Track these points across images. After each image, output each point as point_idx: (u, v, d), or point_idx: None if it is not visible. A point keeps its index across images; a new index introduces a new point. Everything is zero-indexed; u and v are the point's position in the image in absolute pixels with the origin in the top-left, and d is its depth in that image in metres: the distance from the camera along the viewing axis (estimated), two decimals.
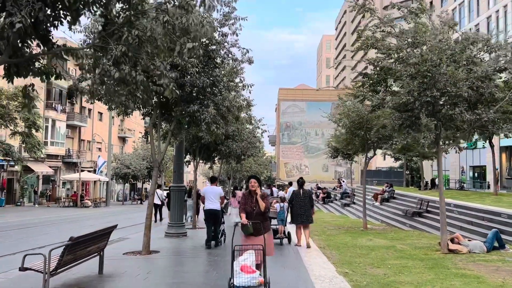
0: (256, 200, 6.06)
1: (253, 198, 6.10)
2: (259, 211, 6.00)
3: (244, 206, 6.10)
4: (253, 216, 5.97)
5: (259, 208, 5.99)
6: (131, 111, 10.97)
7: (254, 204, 6.05)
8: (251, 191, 6.15)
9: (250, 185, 6.13)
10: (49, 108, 37.14)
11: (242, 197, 6.26)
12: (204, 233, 13.39)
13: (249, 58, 11.10)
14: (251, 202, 6.08)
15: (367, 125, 15.39)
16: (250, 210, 6.03)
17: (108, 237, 7.16)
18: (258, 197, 6.03)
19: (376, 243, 11.32)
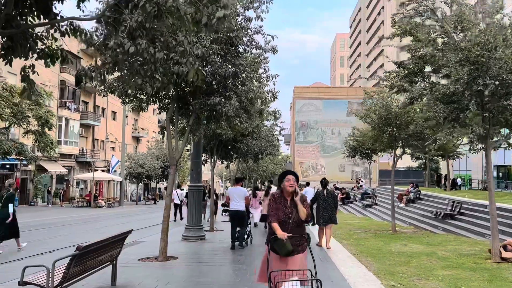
0: (293, 205, 4.48)
1: (287, 201, 4.51)
2: (297, 220, 4.42)
3: (275, 213, 4.45)
4: (289, 227, 4.39)
5: (298, 216, 4.42)
6: (146, 105, 10.19)
7: (291, 210, 4.44)
8: (286, 192, 4.54)
9: (288, 184, 4.48)
10: (62, 107, 36.74)
11: (272, 200, 4.61)
12: (223, 236, 12.58)
13: (273, 47, 10.19)
14: (285, 207, 4.47)
15: (396, 121, 14.39)
16: (284, 219, 4.42)
17: (122, 244, 6.33)
18: (298, 201, 4.42)
19: (413, 249, 10.31)
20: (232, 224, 10.29)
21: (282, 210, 4.47)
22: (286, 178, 4.57)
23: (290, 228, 4.36)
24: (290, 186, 4.53)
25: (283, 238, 4.19)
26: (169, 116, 9.11)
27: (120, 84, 9.22)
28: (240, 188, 10.37)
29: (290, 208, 4.47)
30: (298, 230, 4.43)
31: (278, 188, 4.69)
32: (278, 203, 4.52)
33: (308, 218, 4.47)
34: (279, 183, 4.60)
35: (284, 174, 4.64)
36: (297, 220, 4.45)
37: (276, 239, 4.26)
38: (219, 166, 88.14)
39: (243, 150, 16.67)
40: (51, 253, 10.23)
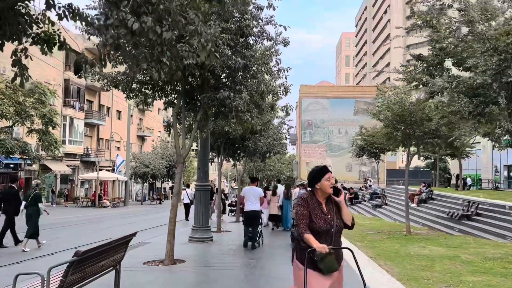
0: (331, 208, 3.53)
1: (322, 205, 3.53)
2: (340, 227, 3.53)
3: (308, 221, 3.44)
4: (332, 238, 3.45)
5: (341, 222, 3.52)
6: (151, 100, 9.71)
7: (332, 216, 3.49)
8: (323, 192, 3.55)
9: (329, 184, 3.51)
10: (67, 106, 36.41)
11: (302, 205, 3.52)
12: (231, 238, 12.11)
13: (284, 39, 9.68)
14: (323, 212, 3.48)
15: (411, 118, 13.82)
16: (326, 228, 3.44)
17: (126, 247, 5.83)
18: (343, 203, 3.54)
19: (433, 252, 9.75)
20: (246, 224, 10.26)
21: (320, 218, 3.46)
22: (326, 177, 3.53)
23: (333, 238, 3.45)
24: (332, 186, 3.56)
25: (324, 251, 3.25)
26: (176, 111, 8.62)
27: (124, 78, 8.77)
28: (255, 188, 10.35)
29: (330, 213, 3.52)
30: (339, 240, 3.57)
31: (311, 187, 3.62)
32: (311, 208, 3.49)
33: (353, 222, 3.60)
34: (313, 183, 3.57)
35: (321, 172, 3.58)
36: (339, 227, 3.52)
37: (318, 254, 3.28)
38: (224, 166, 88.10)
39: (251, 149, 16.18)
40: (52, 256, 9.78)
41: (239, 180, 22.09)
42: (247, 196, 10.19)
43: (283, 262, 8.64)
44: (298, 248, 3.55)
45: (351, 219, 3.58)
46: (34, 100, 24.71)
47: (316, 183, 3.57)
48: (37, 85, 24.65)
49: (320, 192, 3.58)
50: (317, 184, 3.56)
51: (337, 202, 3.55)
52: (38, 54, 18.11)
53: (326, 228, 3.43)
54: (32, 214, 10.36)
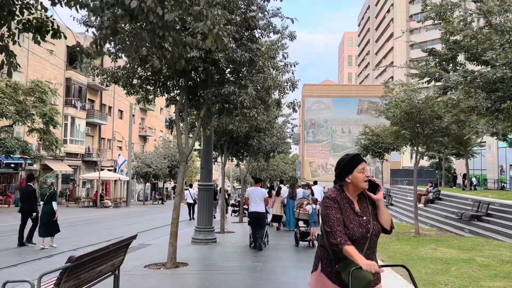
0: (365, 208, 2.80)
1: (354, 204, 2.78)
2: (378, 231, 2.78)
3: (341, 227, 2.68)
4: (367, 245, 2.73)
5: (378, 225, 2.79)
6: (153, 97, 9.36)
7: (368, 218, 2.75)
8: (355, 189, 2.79)
9: (363, 177, 2.75)
10: (68, 105, 36.11)
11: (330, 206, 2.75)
12: (235, 239, 11.80)
13: (291, 32, 9.30)
14: (356, 213, 2.75)
15: (420, 116, 13.42)
16: (361, 233, 2.71)
17: (125, 251, 5.46)
18: (381, 202, 2.81)
19: (446, 255, 9.35)
20: (252, 225, 10.02)
21: (354, 221, 2.71)
22: (359, 167, 2.76)
23: (368, 245, 2.71)
24: (363, 179, 2.75)
25: (374, 270, 2.44)
26: (179, 107, 8.25)
27: (125, 73, 8.42)
28: (259, 189, 10.12)
29: (365, 214, 2.76)
30: (375, 247, 2.82)
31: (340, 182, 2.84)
32: (344, 210, 2.73)
33: (392, 225, 2.87)
34: (343, 175, 2.80)
35: (353, 161, 2.79)
36: (377, 231, 2.76)
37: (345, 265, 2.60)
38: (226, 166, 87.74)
39: (254, 148, 15.82)
40: (50, 258, 9.42)
41: (242, 180, 21.74)
42: (251, 197, 9.98)
43: (289, 265, 8.26)
44: (324, 258, 2.81)
45: (390, 221, 2.84)
46: (34, 99, 24.44)
47: (347, 176, 2.79)
48: (38, 83, 24.33)
49: (351, 188, 2.80)
50: (348, 177, 2.78)
51: (372, 199, 2.80)
52: (39, 52, 17.91)
53: (361, 234, 2.68)
54: (48, 212, 10.45)
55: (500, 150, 39.75)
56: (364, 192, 2.83)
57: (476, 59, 8.71)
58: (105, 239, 12.74)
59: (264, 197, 9.99)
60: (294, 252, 10.00)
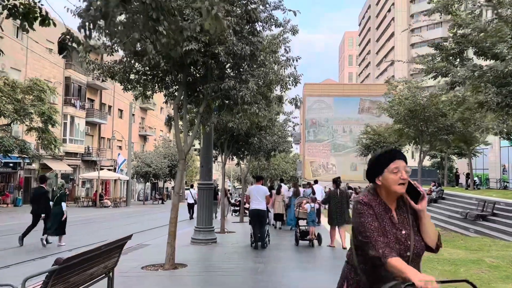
0: (405, 219, 2.23)
1: (392, 212, 2.23)
2: (421, 249, 2.19)
3: (382, 237, 2.12)
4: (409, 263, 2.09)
5: (421, 241, 2.20)
6: (151, 92, 9.09)
7: (408, 233, 2.18)
8: (390, 192, 2.22)
9: (398, 177, 2.17)
10: (67, 104, 35.83)
11: (365, 213, 2.18)
12: (235, 239, 11.54)
13: (293, 26, 9.02)
14: (393, 225, 2.19)
15: (424, 113, 13.16)
16: (399, 250, 2.12)
17: (119, 252, 5.19)
18: (425, 213, 2.22)
19: (453, 255, 9.07)
20: (253, 224, 9.87)
21: (390, 234, 2.15)
22: (390, 167, 2.18)
23: (410, 263, 2.10)
24: (403, 183, 2.17)
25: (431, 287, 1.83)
26: (177, 103, 7.97)
27: (121, 68, 8.14)
28: (260, 187, 10.03)
29: (404, 227, 2.18)
30: (418, 269, 2.15)
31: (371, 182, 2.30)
32: (380, 219, 2.18)
33: (439, 243, 2.24)
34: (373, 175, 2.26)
35: (384, 158, 2.23)
36: (420, 249, 2.16)
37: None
38: (227, 165, 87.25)
39: (255, 146, 15.55)
40: (44, 259, 9.14)
41: (243, 179, 21.48)
42: (252, 195, 9.89)
43: (291, 266, 7.97)
44: (350, 279, 2.29)
45: (436, 237, 2.21)
46: (33, 97, 24.16)
47: (377, 177, 2.23)
48: (36, 81, 24.05)
49: (384, 192, 2.23)
50: (378, 179, 2.23)
51: (415, 209, 2.20)
52: (38, 50, 17.60)
53: (398, 252, 2.09)
54: (57, 213, 10.69)
55: (502, 150, 39.46)
56: (404, 198, 2.24)
57: (485, 54, 8.43)
58: (104, 239, 12.48)
59: (266, 195, 9.88)
60: (296, 252, 9.72)
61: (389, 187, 2.19)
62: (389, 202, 2.24)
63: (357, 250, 2.23)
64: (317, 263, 8.46)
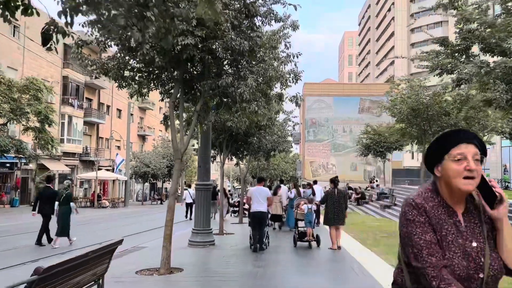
0: (486, 230, 1.64)
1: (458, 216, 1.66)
2: (499, 271, 1.58)
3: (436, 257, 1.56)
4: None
5: (498, 261, 1.59)
6: (147, 90, 8.79)
7: (478, 248, 1.59)
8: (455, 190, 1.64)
9: (460, 168, 1.60)
10: (65, 103, 35.48)
11: (414, 216, 1.64)
12: (234, 241, 11.25)
13: (293, 21, 8.71)
14: (458, 233, 1.62)
15: (428, 112, 12.88)
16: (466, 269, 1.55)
17: (110, 257, 4.88)
18: (506, 222, 1.61)
19: None
20: (253, 226, 9.65)
21: (456, 248, 1.60)
22: (452, 153, 1.65)
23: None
24: (470, 177, 1.60)
25: None
26: (173, 100, 7.66)
27: (115, 64, 7.83)
28: (262, 188, 9.88)
29: (474, 238, 1.63)
30: None
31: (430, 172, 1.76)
32: (439, 225, 1.64)
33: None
34: (432, 163, 1.72)
35: (444, 141, 1.68)
36: (497, 271, 1.58)
37: None
38: (226, 166, 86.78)
39: (255, 146, 15.25)
40: (36, 263, 8.83)
41: (242, 180, 21.17)
42: (254, 197, 9.66)
43: (291, 270, 7.66)
44: None
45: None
46: (29, 96, 23.84)
47: (436, 166, 1.70)
48: (32, 80, 23.72)
49: (446, 189, 1.67)
50: (437, 168, 1.69)
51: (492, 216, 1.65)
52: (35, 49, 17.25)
53: (466, 271, 1.56)
54: (64, 213, 10.97)
55: (504, 149, 39.18)
56: (475, 198, 1.68)
57: (492, 50, 8.13)
58: (101, 240, 12.21)
59: (267, 197, 9.73)
60: (295, 255, 9.42)
61: (450, 181, 1.62)
62: (453, 203, 1.66)
63: (409, 267, 1.68)
64: (316, 266, 8.17)
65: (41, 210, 11.15)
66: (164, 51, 6.85)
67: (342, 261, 8.35)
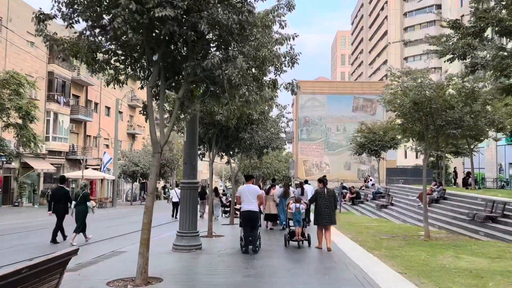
0: None
1: None
2: None
3: None
4: None
5: None
6: (125, 77, 7.78)
7: None
8: None
9: None
10: (50, 100, 34.17)
11: None
12: (224, 245, 10.34)
13: (288, 1, 7.75)
14: None
15: (431, 106, 11.99)
16: None
17: (61, 272, 3.89)
18: None
19: (473, 264, 7.90)
20: (245, 226, 9.11)
21: None
22: None
23: None
24: None
25: None
26: (151, 85, 6.69)
27: (85, 44, 6.80)
28: (252, 186, 9.33)
29: None
30: None
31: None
32: None
33: None
34: None
35: None
36: None
37: None
38: (218, 165, 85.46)
39: (246, 143, 14.30)
40: None
41: (233, 179, 20.18)
42: (243, 195, 9.13)
43: (285, 281, 6.68)
44: None
45: None
46: (10, 91, 22.65)
47: None
48: (13, 74, 22.52)
49: None
50: None
51: None
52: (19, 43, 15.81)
53: None
54: (82, 211, 11.69)
55: (499, 148, 38.69)
56: None
57: (510, 33, 7.26)
58: (79, 244, 11.21)
59: (258, 195, 9.16)
60: (289, 260, 8.50)
61: None
62: None
63: None
64: (314, 276, 7.23)
65: (55, 209, 11.75)
66: (139, 26, 5.88)
67: (344, 270, 7.42)
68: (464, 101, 12.29)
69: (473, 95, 12.21)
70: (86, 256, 8.69)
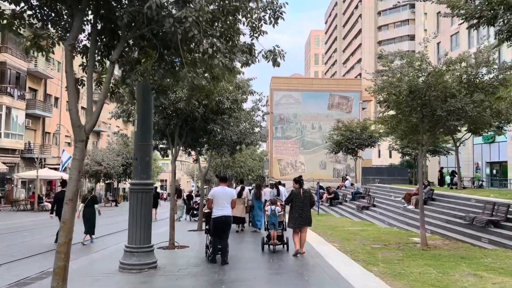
0: None
1: None
2: None
3: None
4: None
5: None
6: (50, 41, 5.67)
7: None
8: None
9: None
10: (2, 93, 31.04)
11: None
12: (187, 260, 8.45)
13: None
14: None
15: (432, 93, 10.36)
16: None
17: None
18: None
19: (503, 285, 6.18)
20: (215, 233, 8.23)
21: None
22: None
23: None
24: None
25: None
26: (71, 42, 4.61)
27: None
28: (227, 189, 8.47)
29: None
30: None
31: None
32: None
33: None
34: None
35: None
36: None
37: None
38: (190, 165, 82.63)
39: (217, 138, 12.35)
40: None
41: (202, 178, 18.11)
42: (216, 199, 8.16)
43: None
44: None
45: None
46: None
47: None
48: None
49: None
50: None
51: None
52: None
53: None
54: (91, 213, 12.23)
55: (475, 147, 38.14)
56: None
57: None
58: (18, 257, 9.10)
59: (233, 199, 8.34)
60: (264, 273, 6.60)
61: None
62: None
63: None
64: None
65: (58, 212, 11.59)
66: None
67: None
68: (467, 88, 10.74)
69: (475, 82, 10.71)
70: None
